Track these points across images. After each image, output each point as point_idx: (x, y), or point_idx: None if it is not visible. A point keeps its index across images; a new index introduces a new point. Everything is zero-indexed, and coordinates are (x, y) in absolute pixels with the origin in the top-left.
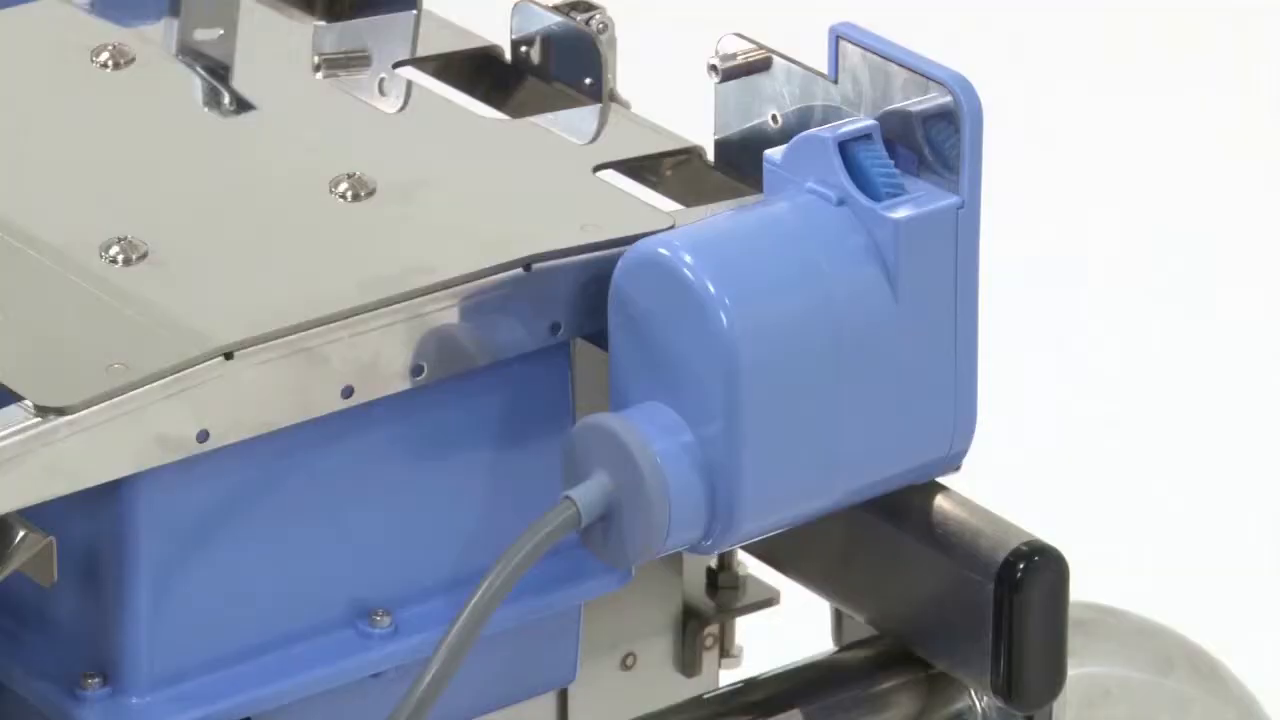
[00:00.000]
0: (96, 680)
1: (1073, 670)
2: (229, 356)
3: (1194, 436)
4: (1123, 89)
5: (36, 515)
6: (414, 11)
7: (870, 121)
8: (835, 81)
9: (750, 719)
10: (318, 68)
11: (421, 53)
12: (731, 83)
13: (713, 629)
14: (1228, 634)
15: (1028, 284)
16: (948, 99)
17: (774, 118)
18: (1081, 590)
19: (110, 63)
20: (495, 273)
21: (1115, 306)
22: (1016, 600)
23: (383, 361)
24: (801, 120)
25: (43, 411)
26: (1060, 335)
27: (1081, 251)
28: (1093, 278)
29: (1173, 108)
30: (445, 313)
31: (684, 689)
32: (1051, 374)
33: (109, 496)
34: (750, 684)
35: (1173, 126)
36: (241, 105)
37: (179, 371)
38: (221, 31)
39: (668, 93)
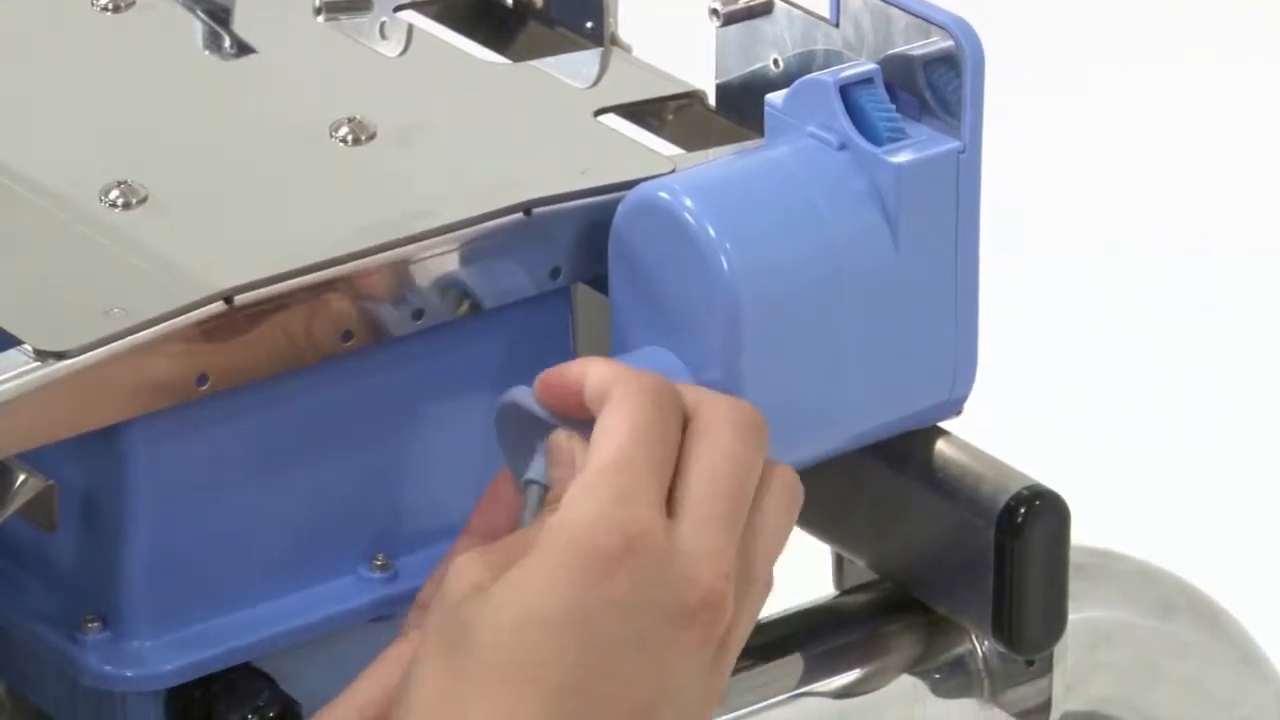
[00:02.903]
0: (96, 624)
1: (1073, 614)
2: (229, 301)
3: (1197, 378)
4: (1128, 39)
5: (36, 460)
6: None
7: (871, 66)
8: (836, 25)
9: (750, 663)
10: (318, 11)
11: None
12: (733, 27)
13: None
14: (1229, 578)
15: (1029, 229)
16: (949, 43)
17: (775, 62)
18: (1082, 535)
19: (110, 6)
20: (495, 217)
21: (1115, 250)
22: (1017, 545)
23: (383, 306)
24: (803, 64)
25: (42, 356)
26: (1062, 279)
27: (1082, 197)
28: (1094, 222)
29: (1179, 57)
30: (445, 257)
31: None
32: (1053, 317)
33: (108, 441)
34: None
35: (1177, 75)
36: (242, 49)
37: (179, 316)
38: None
39: (669, 37)
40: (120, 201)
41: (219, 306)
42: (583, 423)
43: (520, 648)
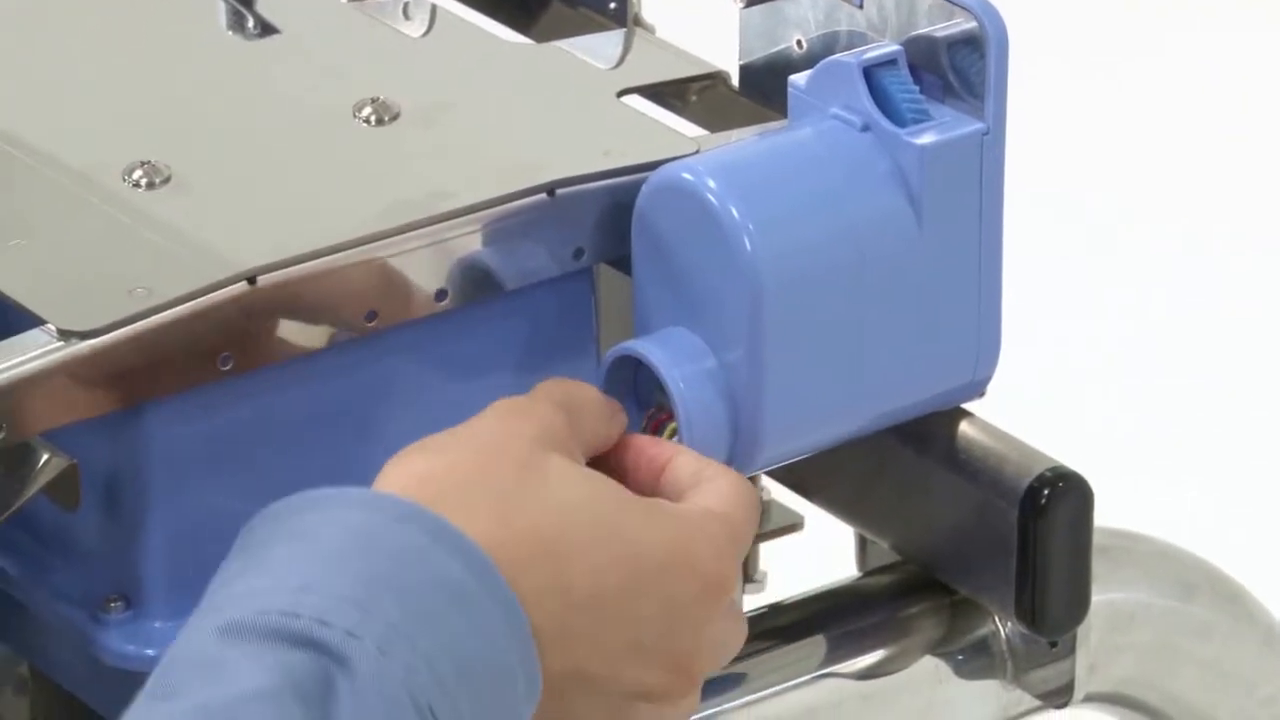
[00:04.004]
0: (118, 603)
1: (1096, 596)
2: (252, 281)
3: (1218, 363)
4: (1137, 30)
5: (59, 439)
6: None
7: (895, 47)
8: (860, 7)
9: (773, 644)
10: None
11: None
12: (756, 7)
13: None
14: (1251, 559)
15: (1051, 210)
16: (972, 24)
17: (799, 43)
18: (1105, 516)
19: None
20: (519, 198)
21: (1136, 235)
22: (1041, 526)
23: (406, 286)
24: (826, 46)
25: (65, 335)
26: (1085, 260)
27: (1107, 177)
28: (1116, 206)
29: (1183, 52)
30: (469, 238)
31: None
32: (1077, 300)
33: (130, 421)
34: (774, 609)
35: (1182, 70)
36: (266, 29)
37: (202, 296)
38: None
39: (692, 17)
40: (144, 181)
41: (242, 287)
42: None
43: (578, 554)
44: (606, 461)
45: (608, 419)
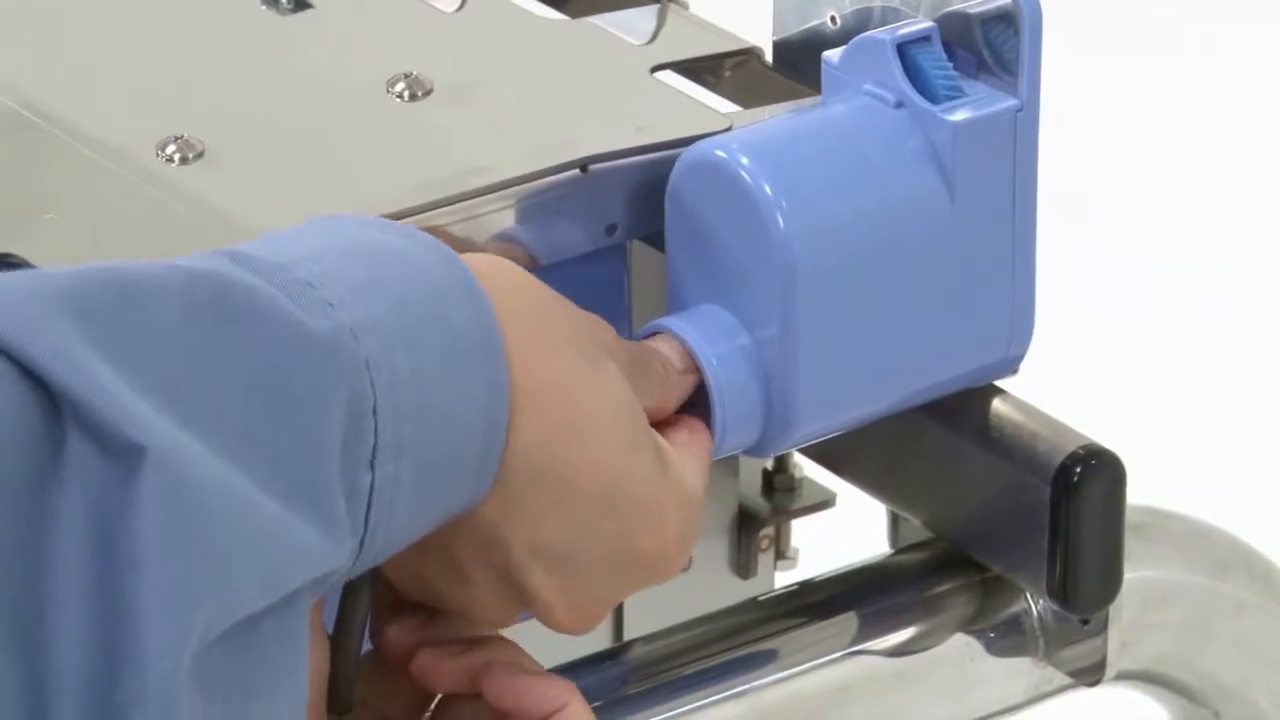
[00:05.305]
0: None
1: (1128, 574)
2: None
3: (1251, 342)
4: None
5: None
6: None
7: (929, 23)
8: None
9: (805, 621)
10: None
11: None
12: None
13: (768, 531)
14: None
15: (1088, 190)
16: (1007, 1)
17: (832, 19)
18: (1137, 494)
19: None
20: (552, 174)
21: (1174, 213)
22: (1073, 503)
23: None
24: (860, 22)
25: None
26: (1121, 238)
27: (1140, 155)
28: (1151, 184)
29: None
30: (502, 214)
31: (739, 591)
32: (1112, 278)
33: None
34: (805, 586)
35: (1238, 27)
36: (299, 4)
37: None
38: None
39: None
40: (177, 156)
41: None
42: None
43: (579, 436)
44: None
45: (671, 388)
